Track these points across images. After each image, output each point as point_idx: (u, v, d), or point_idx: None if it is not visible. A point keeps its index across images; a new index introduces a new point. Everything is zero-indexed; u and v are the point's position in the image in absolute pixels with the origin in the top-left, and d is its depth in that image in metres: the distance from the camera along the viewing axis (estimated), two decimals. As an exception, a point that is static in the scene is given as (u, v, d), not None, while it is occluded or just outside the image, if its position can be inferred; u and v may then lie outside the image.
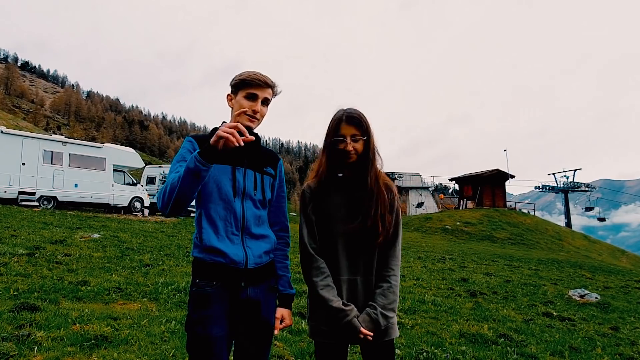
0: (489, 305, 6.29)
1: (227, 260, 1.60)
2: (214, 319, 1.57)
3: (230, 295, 1.62)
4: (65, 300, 4.37)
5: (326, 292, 1.66)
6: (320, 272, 1.70)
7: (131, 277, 5.65)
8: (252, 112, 1.68)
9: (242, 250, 1.64)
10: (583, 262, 17.29)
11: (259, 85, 1.68)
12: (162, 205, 1.52)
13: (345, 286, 1.71)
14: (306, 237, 1.75)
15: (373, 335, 1.64)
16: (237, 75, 1.72)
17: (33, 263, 5.85)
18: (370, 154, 1.75)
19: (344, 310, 1.64)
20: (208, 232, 1.62)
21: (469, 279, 8.68)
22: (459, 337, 4.43)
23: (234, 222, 1.65)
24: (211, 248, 1.60)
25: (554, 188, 51.03)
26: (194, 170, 1.44)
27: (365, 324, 1.64)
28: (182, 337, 3.53)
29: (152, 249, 8.16)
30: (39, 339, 3.15)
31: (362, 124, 1.74)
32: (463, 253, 15.43)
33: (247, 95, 1.68)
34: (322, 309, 1.68)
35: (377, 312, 1.66)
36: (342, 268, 1.72)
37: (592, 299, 7.34)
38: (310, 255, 1.73)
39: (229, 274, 1.61)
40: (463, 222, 28.29)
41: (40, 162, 15.43)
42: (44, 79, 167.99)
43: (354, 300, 1.71)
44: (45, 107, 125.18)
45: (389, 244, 1.76)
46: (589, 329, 5.41)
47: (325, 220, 1.76)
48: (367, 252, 1.74)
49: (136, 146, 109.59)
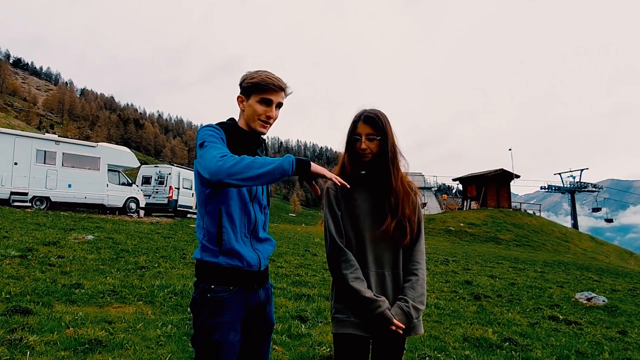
0: (493, 309, 6.29)
1: (244, 264, 1.61)
2: (230, 324, 1.58)
3: (245, 299, 1.63)
4: (58, 303, 4.37)
5: (357, 284, 1.70)
6: (350, 265, 1.74)
7: (126, 280, 5.64)
8: (266, 118, 1.67)
9: (254, 252, 1.66)
10: (590, 264, 17.30)
11: (273, 90, 1.65)
12: (226, 172, 1.40)
13: (373, 279, 1.76)
14: (334, 231, 1.79)
15: (403, 328, 1.69)
16: (248, 76, 1.68)
17: (25, 265, 5.84)
18: (390, 154, 1.80)
19: (376, 301, 1.68)
20: (229, 232, 1.59)
21: (472, 281, 8.68)
22: (463, 341, 4.43)
23: (247, 224, 1.66)
24: (231, 250, 1.58)
25: (560, 188, 51.07)
26: (283, 171, 1.42)
27: (397, 317, 1.69)
28: (179, 341, 3.53)
29: (148, 251, 8.16)
30: (31, 343, 3.14)
31: (378, 123, 1.79)
32: (467, 255, 15.43)
33: (261, 100, 1.66)
34: (354, 301, 1.72)
35: (409, 304, 1.72)
36: (370, 262, 1.77)
37: (600, 302, 7.34)
38: (339, 248, 1.76)
39: (247, 278, 1.63)
40: (467, 223, 28.29)
41: (33, 162, 15.42)
42: (36, 76, 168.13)
43: (383, 294, 1.76)
44: (38, 105, 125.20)
45: (413, 241, 1.84)
46: (596, 333, 5.41)
47: (350, 216, 1.81)
48: (393, 246, 1.80)
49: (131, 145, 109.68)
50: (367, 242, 1.78)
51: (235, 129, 1.71)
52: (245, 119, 1.70)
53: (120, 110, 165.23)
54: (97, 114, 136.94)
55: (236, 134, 1.69)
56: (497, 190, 36.66)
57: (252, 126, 1.69)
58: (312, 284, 6.65)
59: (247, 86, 1.67)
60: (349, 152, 1.85)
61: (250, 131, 1.71)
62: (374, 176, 1.83)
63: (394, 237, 1.78)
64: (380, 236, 1.78)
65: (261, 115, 1.66)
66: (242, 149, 1.68)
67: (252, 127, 1.69)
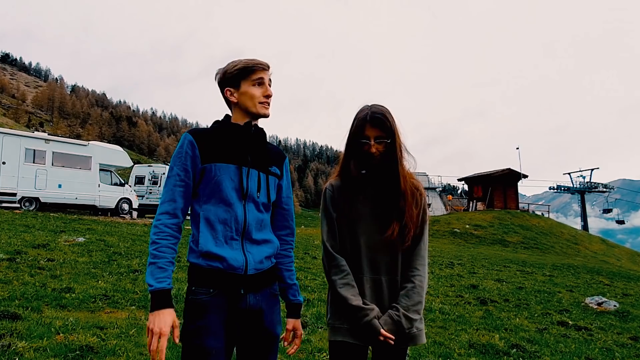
0: (500, 314, 6.29)
1: (225, 265, 1.58)
2: (210, 329, 1.55)
3: (228, 303, 1.59)
4: (48, 308, 4.37)
5: (345, 291, 1.69)
6: (340, 270, 1.72)
7: (119, 284, 5.65)
8: (265, 98, 1.70)
9: (241, 255, 1.62)
10: (600, 267, 17.30)
11: (262, 69, 1.69)
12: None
13: (368, 285, 1.74)
14: (325, 235, 1.78)
15: (395, 338, 1.65)
16: (229, 66, 1.69)
17: (14, 269, 5.85)
18: (397, 153, 1.77)
19: (363, 309, 1.66)
20: (205, 236, 1.59)
21: (479, 285, 8.69)
22: (469, 348, 4.43)
23: (234, 226, 1.62)
24: (208, 253, 1.57)
25: (569, 189, 51.08)
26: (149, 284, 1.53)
27: (387, 326, 1.65)
28: (173, 348, 3.53)
29: (141, 254, 8.16)
30: (20, 349, 3.14)
31: (386, 124, 1.75)
32: (473, 258, 15.44)
33: (254, 82, 1.68)
34: (342, 308, 1.71)
35: (400, 313, 1.67)
36: (365, 267, 1.75)
37: (610, 307, 7.35)
38: (329, 253, 1.76)
39: (227, 281, 1.59)
40: (472, 225, 28.30)
41: (21, 161, 15.44)
42: (25, 72, 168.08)
43: (379, 301, 1.73)
44: (27, 102, 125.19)
45: (413, 245, 1.78)
46: (607, 339, 5.41)
47: (347, 219, 1.78)
48: (391, 251, 1.77)
49: (124, 144, 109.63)
50: (362, 246, 1.75)
51: (230, 126, 1.71)
52: (244, 109, 1.70)
53: (112, 107, 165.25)
54: (88, 111, 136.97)
55: (231, 130, 1.70)
56: (504, 190, 36.68)
57: (253, 111, 1.69)
58: (311, 288, 6.66)
59: (233, 75, 1.68)
60: (354, 155, 1.80)
61: (248, 122, 1.71)
62: (378, 177, 1.79)
63: (393, 241, 1.75)
64: (379, 239, 1.75)
65: (260, 97, 1.68)
66: (240, 144, 1.68)
67: (253, 112, 1.69)
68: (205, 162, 1.62)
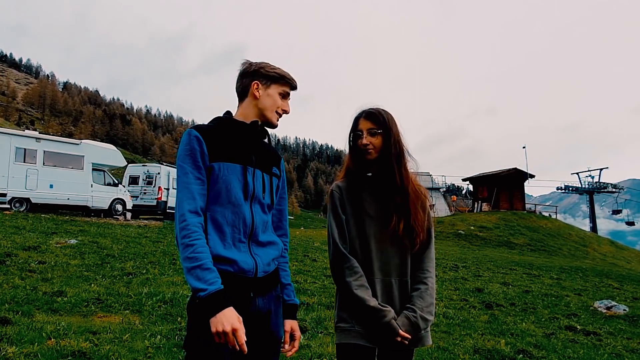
0: (506, 318, 6.29)
1: (235, 268, 1.59)
2: None
3: (238, 307, 1.59)
4: (39, 312, 4.37)
5: (361, 292, 1.72)
6: (354, 272, 1.75)
7: (112, 287, 5.65)
8: (282, 112, 1.76)
9: (250, 257, 1.63)
10: (610, 270, 17.31)
11: (292, 87, 1.78)
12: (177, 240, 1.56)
13: (379, 287, 1.78)
14: (337, 236, 1.80)
15: (410, 339, 1.70)
16: (268, 66, 1.74)
17: (4, 271, 5.85)
18: (393, 150, 1.82)
19: (382, 310, 1.70)
20: (214, 239, 1.59)
21: (484, 289, 8.69)
22: (473, 353, 4.44)
23: (242, 228, 1.63)
24: (217, 256, 1.57)
25: (577, 189, 51.07)
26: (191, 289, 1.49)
27: (404, 327, 1.70)
28: (168, 353, 3.53)
29: (135, 256, 8.16)
30: (10, 355, 3.14)
31: (379, 118, 1.83)
32: (478, 260, 15.44)
33: (281, 93, 1.74)
34: (358, 310, 1.73)
35: (417, 315, 1.73)
36: (375, 269, 1.79)
37: (620, 311, 7.35)
38: (342, 255, 1.78)
39: (238, 284, 1.60)
40: (477, 227, 28.31)
41: (11, 161, 15.43)
42: (15, 68, 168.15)
43: (390, 303, 1.77)
44: (18, 99, 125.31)
45: (423, 247, 1.85)
46: (617, 344, 5.41)
47: (356, 220, 1.82)
48: (401, 253, 1.82)
49: (118, 143, 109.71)
50: (373, 248, 1.79)
51: (235, 123, 1.72)
52: (260, 108, 1.72)
53: (105, 105, 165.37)
54: (80, 109, 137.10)
55: (236, 128, 1.71)
56: (510, 191, 36.69)
57: (267, 116, 1.73)
58: (311, 292, 6.66)
59: (269, 74, 1.72)
60: (352, 151, 1.88)
61: (254, 122, 1.72)
62: (380, 177, 1.85)
63: (402, 243, 1.80)
64: (388, 240, 1.79)
65: (279, 108, 1.74)
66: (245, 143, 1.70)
67: (267, 116, 1.73)
68: (212, 160, 1.62)
